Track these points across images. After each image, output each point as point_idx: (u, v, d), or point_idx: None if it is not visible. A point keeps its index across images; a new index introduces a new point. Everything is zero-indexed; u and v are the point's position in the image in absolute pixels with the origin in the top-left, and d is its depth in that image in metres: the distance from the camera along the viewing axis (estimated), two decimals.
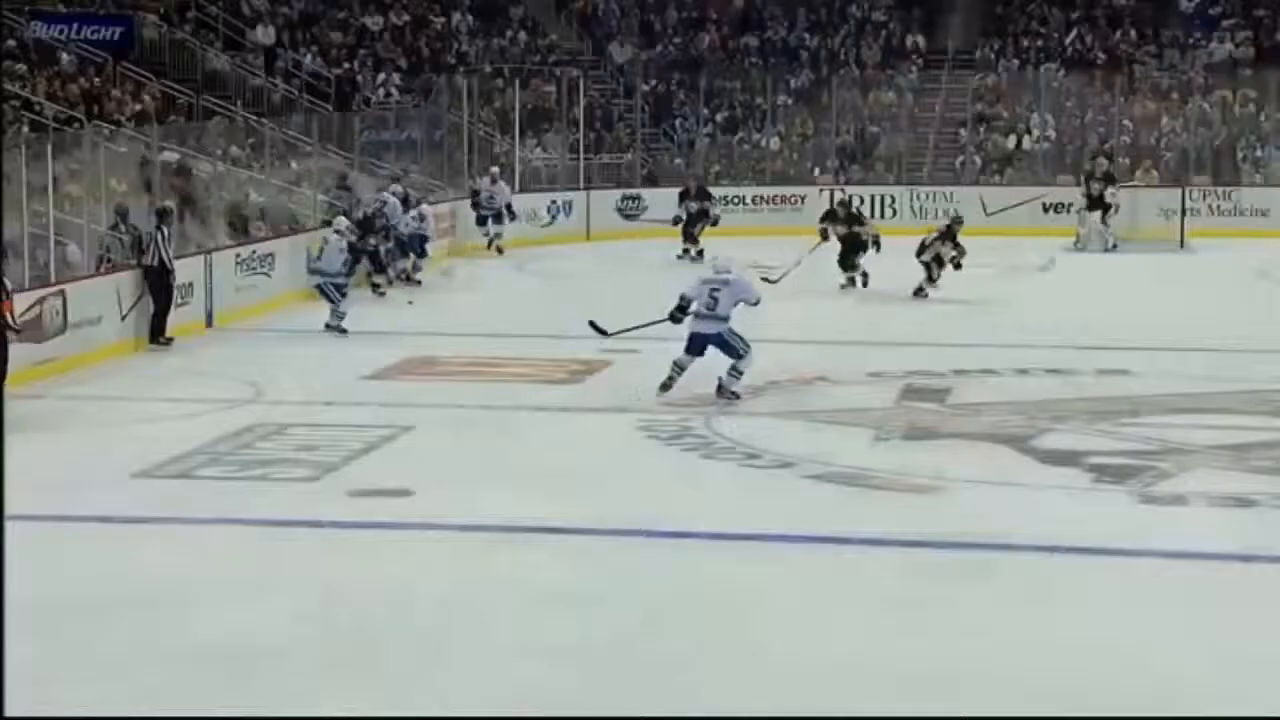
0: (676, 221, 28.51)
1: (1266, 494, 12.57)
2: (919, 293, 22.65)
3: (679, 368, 15.61)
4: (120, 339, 18.63)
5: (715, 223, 28.39)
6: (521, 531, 11.73)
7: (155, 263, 18.97)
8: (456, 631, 9.67)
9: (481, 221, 29.30)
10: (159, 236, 19.08)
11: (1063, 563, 11.03)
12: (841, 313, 21.18)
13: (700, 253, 27.04)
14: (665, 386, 15.64)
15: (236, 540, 11.72)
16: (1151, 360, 17.87)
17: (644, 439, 14.57)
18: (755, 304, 16.02)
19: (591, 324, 16.88)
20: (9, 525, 6.38)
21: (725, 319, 15.55)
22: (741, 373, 15.66)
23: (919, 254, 22.70)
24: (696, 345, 15.61)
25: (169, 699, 8.56)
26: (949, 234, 22.73)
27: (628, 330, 16.56)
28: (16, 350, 15.70)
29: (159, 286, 18.99)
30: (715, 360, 16.13)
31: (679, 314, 15.95)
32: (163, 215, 19.51)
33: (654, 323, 16.22)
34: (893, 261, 22.79)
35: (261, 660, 9.10)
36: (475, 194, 29.56)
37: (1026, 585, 10.52)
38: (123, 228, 19.99)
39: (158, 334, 18.92)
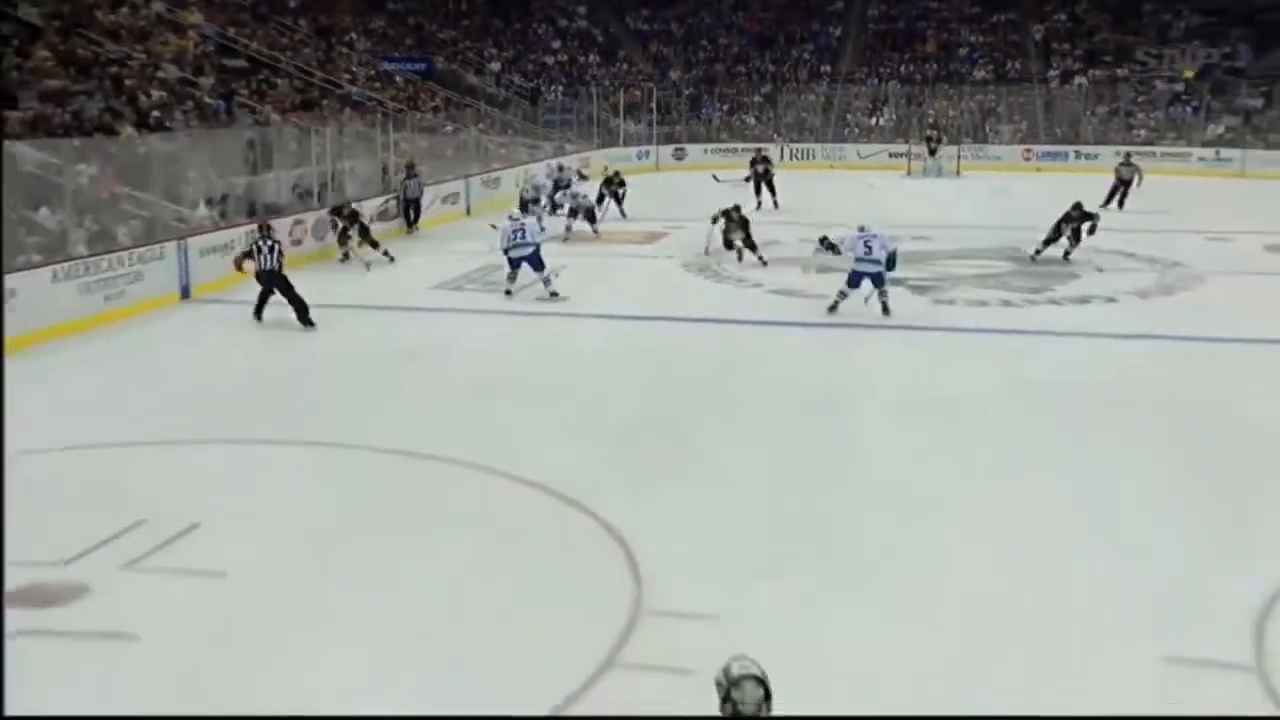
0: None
1: (995, 299, 12.43)
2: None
3: (842, 295, 11.60)
4: (401, 227, 17.67)
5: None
6: (620, 319, 11.72)
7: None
8: (591, 371, 9.71)
9: (559, 207, 17.95)
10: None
11: (895, 334, 10.99)
12: (782, 211, 20.65)
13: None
14: (833, 309, 11.59)
15: (495, 323, 11.58)
16: (942, 233, 17.43)
17: (685, 273, 14.37)
18: (895, 249, 11.79)
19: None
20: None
21: (879, 262, 11.39)
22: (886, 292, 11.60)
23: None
24: (855, 280, 11.51)
25: (448, 410, 8.47)
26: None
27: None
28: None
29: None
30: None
31: (824, 246, 12.63)
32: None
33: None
34: (807, 184, 21.98)
35: (500, 387, 9.16)
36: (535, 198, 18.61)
37: (878, 346, 10.51)
38: (413, 175, 18.90)
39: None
